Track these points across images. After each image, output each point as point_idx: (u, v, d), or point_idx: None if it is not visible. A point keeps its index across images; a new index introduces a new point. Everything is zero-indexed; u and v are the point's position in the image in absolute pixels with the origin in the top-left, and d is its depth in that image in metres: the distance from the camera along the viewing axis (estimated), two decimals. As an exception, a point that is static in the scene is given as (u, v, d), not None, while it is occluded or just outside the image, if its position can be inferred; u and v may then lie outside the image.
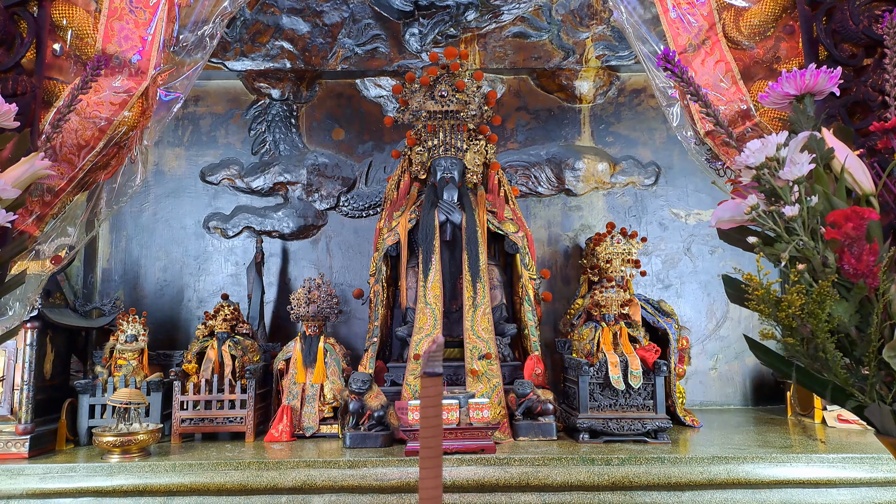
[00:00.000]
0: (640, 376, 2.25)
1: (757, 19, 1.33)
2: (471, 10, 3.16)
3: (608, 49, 3.23)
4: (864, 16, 1.12)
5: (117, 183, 1.50)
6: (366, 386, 2.22)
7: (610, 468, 1.99)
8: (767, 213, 0.80)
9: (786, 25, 1.31)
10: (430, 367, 0.60)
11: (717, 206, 0.90)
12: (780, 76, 0.90)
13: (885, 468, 1.99)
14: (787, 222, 0.79)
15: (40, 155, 1.06)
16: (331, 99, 3.30)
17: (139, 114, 1.44)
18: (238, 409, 2.35)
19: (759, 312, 0.87)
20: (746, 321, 3.21)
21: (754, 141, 0.83)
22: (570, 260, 3.24)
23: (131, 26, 1.41)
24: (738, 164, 0.85)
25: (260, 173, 3.21)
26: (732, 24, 1.35)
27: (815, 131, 0.86)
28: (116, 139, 1.41)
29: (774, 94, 0.92)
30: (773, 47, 1.33)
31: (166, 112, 1.55)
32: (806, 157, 0.79)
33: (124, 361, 2.38)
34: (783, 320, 0.80)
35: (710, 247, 3.26)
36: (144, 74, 1.41)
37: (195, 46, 1.52)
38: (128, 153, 1.47)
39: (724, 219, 0.90)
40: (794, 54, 1.31)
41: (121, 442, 2.00)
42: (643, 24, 1.46)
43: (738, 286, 0.92)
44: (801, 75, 0.88)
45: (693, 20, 1.38)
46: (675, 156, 3.31)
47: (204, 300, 3.16)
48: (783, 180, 0.80)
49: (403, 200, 2.78)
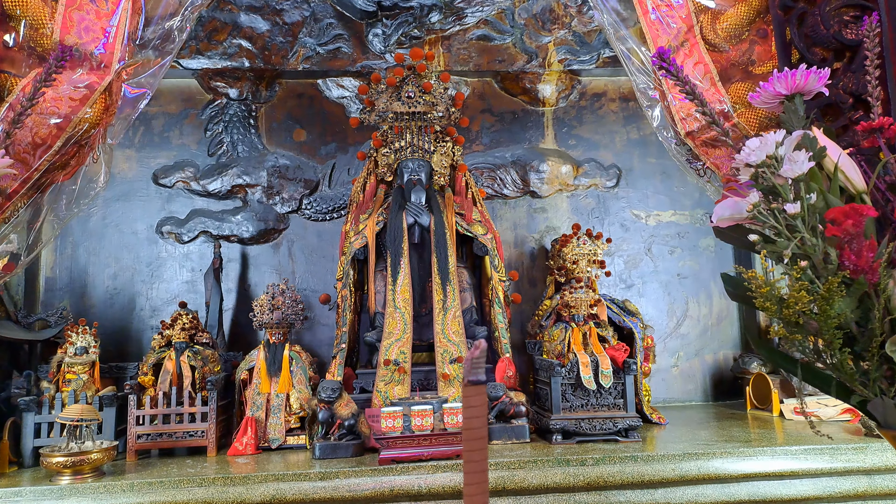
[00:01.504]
0: (610, 376, 2.27)
1: (732, 22, 1.35)
2: (435, 12, 3.13)
3: (570, 53, 3.26)
4: (835, 21, 1.15)
5: (77, 184, 1.39)
6: (335, 394, 2.15)
7: (585, 469, 1.99)
8: (769, 210, 0.80)
9: (759, 29, 1.34)
10: (473, 374, 0.56)
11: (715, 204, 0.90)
12: (772, 76, 0.91)
13: (844, 458, 2.06)
14: (789, 220, 0.80)
15: (1, 152, 0.98)
16: (292, 99, 3.22)
17: (102, 110, 1.34)
18: (199, 423, 2.25)
19: (763, 310, 0.87)
20: (705, 319, 3.29)
21: (753, 139, 0.83)
22: (535, 261, 3.25)
23: (92, 17, 1.31)
24: (738, 161, 0.85)
25: (217, 175, 3.09)
26: (710, 27, 1.37)
27: (806, 130, 0.87)
28: (76, 137, 1.30)
29: (765, 94, 0.93)
30: (747, 50, 1.36)
31: (132, 109, 1.45)
32: (804, 156, 0.80)
33: (74, 376, 2.24)
34: (789, 317, 0.80)
35: (669, 247, 3.33)
36: (108, 69, 1.32)
37: (162, 40, 1.43)
38: (89, 152, 1.37)
39: (723, 217, 0.90)
40: (768, 57, 1.34)
41: (72, 462, 1.87)
42: (623, 25, 1.46)
43: (739, 284, 0.92)
44: (793, 75, 0.90)
45: (672, 22, 1.39)
46: (635, 159, 3.37)
47: (157, 309, 3.02)
48: (783, 178, 0.81)
49: (370, 203, 2.72)
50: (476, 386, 0.56)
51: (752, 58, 1.34)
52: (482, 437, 0.57)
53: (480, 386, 0.57)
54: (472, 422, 0.57)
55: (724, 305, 3.30)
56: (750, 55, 1.34)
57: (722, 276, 0.99)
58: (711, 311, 3.29)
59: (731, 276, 0.97)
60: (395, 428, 2.02)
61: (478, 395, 0.57)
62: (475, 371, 0.57)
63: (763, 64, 1.34)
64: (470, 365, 0.58)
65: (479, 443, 0.57)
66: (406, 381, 2.38)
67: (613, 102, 3.40)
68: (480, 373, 0.58)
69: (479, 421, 0.57)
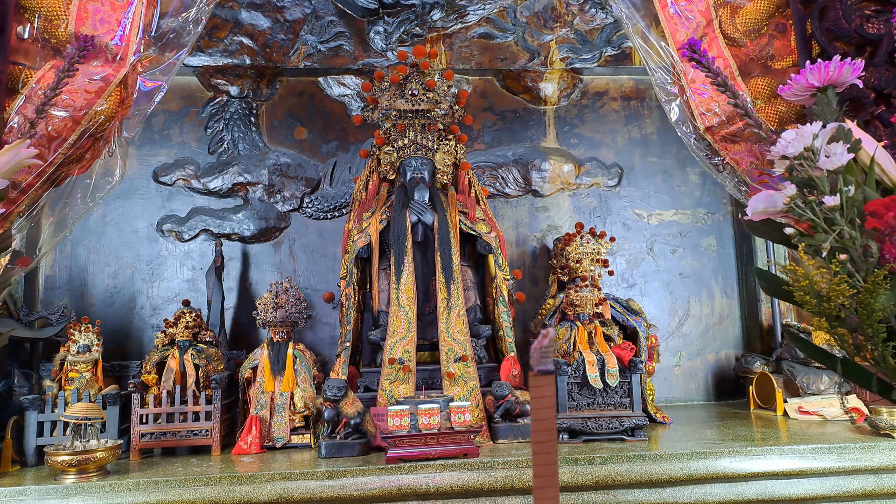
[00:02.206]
0: (617, 374, 2.26)
1: (751, 17, 1.35)
2: (436, 10, 3.12)
3: (571, 52, 3.26)
4: (856, 15, 1.15)
5: (93, 178, 1.37)
6: (341, 393, 2.14)
7: (593, 468, 1.98)
8: (806, 203, 0.80)
9: (778, 24, 1.34)
10: (543, 364, 0.55)
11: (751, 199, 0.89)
12: (803, 68, 0.90)
13: (852, 457, 2.06)
14: (826, 213, 0.79)
15: (26, 142, 0.96)
16: (292, 97, 3.20)
17: (117, 103, 1.32)
18: (203, 422, 2.23)
19: (803, 304, 0.86)
20: (707, 319, 3.29)
21: (789, 131, 0.83)
22: (537, 260, 3.24)
23: (107, 9, 1.28)
24: (773, 154, 0.84)
25: (218, 173, 3.07)
26: (729, 21, 1.37)
27: (840, 122, 0.87)
28: (91, 131, 1.28)
29: (797, 86, 0.93)
30: (766, 45, 1.36)
31: (147, 103, 1.43)
32: (841, 148, 0.79)
33: (76, 374, 2.21)
34: (830, 311, 0.80)
35: (671, 246, 3.33)
36: (123, 61, 1.29)
37: (177, 33, 1.41)
38: (105, 146, 1.35)
39: (758, 210, 0.89)
40: (787, 52, 1.34)
41: (77, 461, 1.85)
42: (640, 18, 1.46)
43: (772, 279, 0.91)
44: (826, 67, 0.89)
45: (691, 16, 1.39)
46: (636, 157, 3.37)
47: (158, 307, 2.99)
48: (820, 170, 0.80)
49: (373, 201, 2.71)
50: (545, 376, 0.55)
51: (770, 53, 1.34)
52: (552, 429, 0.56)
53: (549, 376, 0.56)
54: (542, 413, 0.56)
55: (725, 305, 3.30)
56: (769, 50, 1.34)
57: (755, 271, 0.99)
58: (713, 311, 3.30)
59: (763, 270, 0.96)
60: (402, 426, 2.01)
61: (547, 386, 0.56)
62: (544, 360, 0.56)
63: (782, 59, 1.34)
64: (539, 354, 0.57)
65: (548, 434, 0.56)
66: (411, 379, 2.36)
67: (615, 101, 3.40)
68: (549, 362, 0.57)
69: (548, 412, 0.56)
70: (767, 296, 3.14)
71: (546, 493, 0.56)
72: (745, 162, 1.31)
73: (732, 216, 3.36)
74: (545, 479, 0.56)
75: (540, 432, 0.56)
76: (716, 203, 3.37)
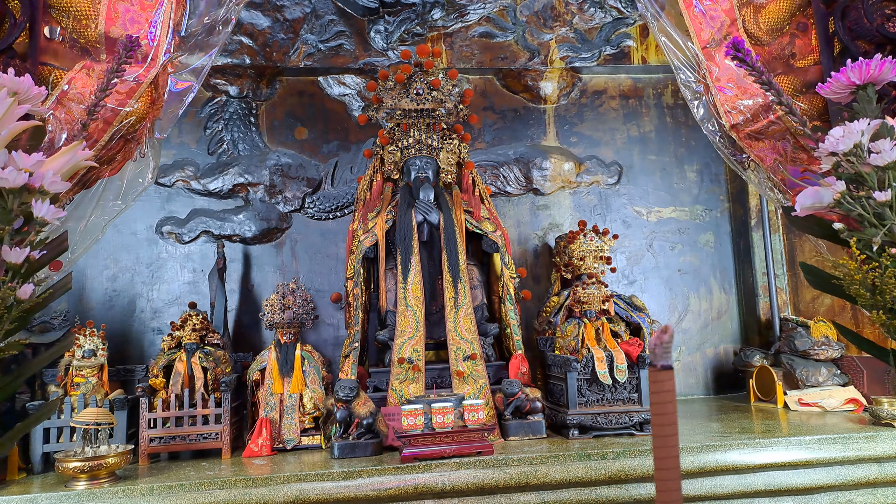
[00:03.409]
0: (625, 370, 2.28)
1: (774, 16, 1.37)
2: (437, 9, 3.12)
3: (571, 50, 3.28)
4: (877, 14, 1.18)
5: (125, 180, 1.35)
6: (353, 393, 2.13)
7: (606, 462, 2.00)
8: (856, 198, 0.82)
9: (799, 23, 1.36)
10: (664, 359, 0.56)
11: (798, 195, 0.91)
12: (845, 67, 0.92)
13: (856, 447, 2.10)
14: (876, 208, 0.81)
15: (82, 144, 0.95)
16: (292, 97, 3.18)
17: (148, 104, 1.30)
18: (213, 425, 2.21)
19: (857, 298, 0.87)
20: (706, 314, 3.34)
21: (836, 128, 0.84)
22: (539, 258, 3.26)
23: (137, 8, 1.27)
24: (821, 150, 0.86)
25: (218, 174, 3.04)
26: (752, 21, 1.39)
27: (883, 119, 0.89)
28: (123, 132, 1.26)
29: (837, 84, 0.95)
30: (788, 44, 1.38)
31: (178, 103, 1.42)
32: (889, 144, 0.81)
33: (82, 379, 2.19)
34: (885, 304, 0.82)
35: (670, 243, 3.37)
36: (154, 61, 1.28)
37: (206, 33, 1.39)
38: (136, 147, 1.33)
39: (805, 206, 0.91)
40: (808, 51, 1.36)
41: (89, 467, 1.82)
42: (664, 17, 1.47)
43: (819, 273, 0.93)
44: (867, 65, 0.91)
45: (715, 15, 1.40)
46: (635, 155, 3.41)
47: (159, 310, 2.96)
48: (869, 166, 0.82)
49: (377, 201, 2.71)
50: (666, 371, 0.56)
51: (792, 51, 1.36)
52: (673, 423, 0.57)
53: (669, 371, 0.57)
54: (664, 407, 0.57)
55: (723, 300, 3.35)
56: (791, 49, 1.36)
57: (801, 266, 1.01)
58: (712, 306, 3.34)
59: (811, 266, 0.98)
60: (416, 426, 2.01)
61: (668, 381, 0.56)
62: (665, 355, 0.57)
63: (804, 57, 1.36)
64: (661, 349, 0.58)
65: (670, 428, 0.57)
66: (421, 378, 2.37)
67: (614, 100, 3.42)
68: (669, 357, 0.57)
69: (670, 406, 0.57)
70: (765, 290, 3.19)
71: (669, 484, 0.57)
72: (770, 158, 1.33)
73: (729, 213, 3.41)
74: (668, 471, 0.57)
75: (661, 426, 0.57)
76: (713, 200, 3.41)
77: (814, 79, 1.33)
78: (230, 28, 1.47)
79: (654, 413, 0.60)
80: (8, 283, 1.02)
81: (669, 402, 0.57)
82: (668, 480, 0.57)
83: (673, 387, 0.59)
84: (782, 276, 3.17)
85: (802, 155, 1.26)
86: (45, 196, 0.96)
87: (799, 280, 3.15)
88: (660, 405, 0.59)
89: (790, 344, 2.88)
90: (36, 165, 0.96)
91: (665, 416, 0.58)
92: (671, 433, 0.57)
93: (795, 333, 2.87)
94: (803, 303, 3.12)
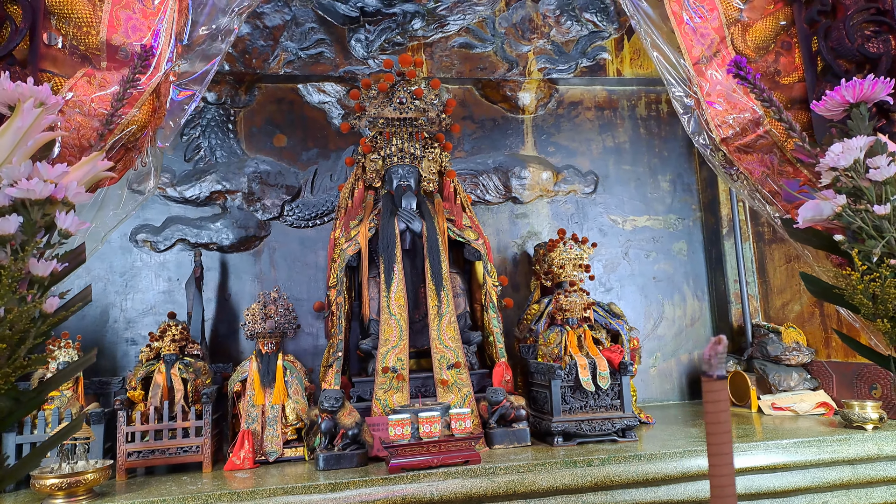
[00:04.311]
0: (608, 377, 2.32)
1: (760, 35, 1.43)
2: (417, 19, 3.14)
3: (548, 62, 3.33)
4: (858, 35, 1.23)
5: (124, 189, 1.32)
6: (338, 403, 2.11)
7: (591, 469, 2.03)
8: (856, 211, 0.85)
9: (783, 42, 1.42)
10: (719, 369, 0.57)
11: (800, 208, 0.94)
12: (840, 85, 0.97)
13: (830, 449, 2.17)
14: (875, 220, 0.85)
15: (101, 155, 0.93)
16: (271, 104, 3.15)
17: (150, 112, 1.27)
18: (193, 438, 2.16)
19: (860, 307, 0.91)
20: (680, 321, 3.41)
21: (836, 145, 0.88)
22: (518, 266, 3.29)
23: (139, 17, 1.24)
24: (821, 165, 0.90)
25: (195, 181, 2.99)
26: (740, 39, 1.44)
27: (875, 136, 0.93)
28: (124, 140, 1.23)
29: (831, 102, 0.99)
30: (773, 61, 1.44)
31: (181, 112, 1.39)
32: (885, 160, 0.86)
33: (57, 392, 2.11)
34: (888, 312, 0.85)
35: (645, 251, 3.43)
36: (156, 69, 1.25)
37: (209, 41, 1.37)
38: (137, 155, 1.30)
39: (807, 218, 0.95)
40: (792, 69, 1.42)
41: (67, 484, 1.76)
42: (656, 33, 1.51)
43: (819, 282, 0.97)
44: (861, 84, 0.96)
45: (705, 33, 1.45)
46: (610, 165, 3.47)
47: (133, 321, 2.89)
48: (868, 181, 0.86)
49: (359, 209, 2.70)
50: (720, 381, 0.57)
51: (777, 68, 1.42)
52: (727, 432, 0.58)
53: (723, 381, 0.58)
54: (718, 416, 0.58)
55: (696, 307, 3.43)
56: (776, 66, 1.42)
57: (801, 276, 1.04)
58: (685, 313, 3.41)
59: (809, 275, 1.01)
60: (403, 435, 2.00)
61: (721, 391, 0.58)
62: (719, 366, 0.58)
63: (789, 74, 1.42)
64: (716, 360, 0.59)
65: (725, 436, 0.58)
66: (405, 388, 2.36)
67: (589, 111, 3.49)
68: (723, 367, 0.59)
69: (724, 415, 0.58)
70: (737, 297, 3.28)
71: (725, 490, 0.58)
72: (758, 171, 1.38)
73: (702, 222, 3.50)
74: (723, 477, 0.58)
75: (716, 434, 0.59)
76: (686, 209, 3.50)
77: (798, 95, 1.39)
78: (233, 37, 1.46)
79: (709, 422, 0.61)
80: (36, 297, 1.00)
81: (724, 412, 0.59)
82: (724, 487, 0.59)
83: (727, 396, 0.60)
84: (753, 283, 3.27)
85: (788, 168, 1.31)
86: (68, 207, 0.94)
87: (769, 287, 3.25)
88: (715, 414, 0.61)
89: (762, 350, 2.97)
90: (60, 176, 0.94)
91: (720, 425, 0.59)
92: (725, 441, 0.59)
93: (767, 339, 2.96)
94: (773, 309, 3.22)
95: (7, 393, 1.03)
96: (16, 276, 0.93)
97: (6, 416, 1.06)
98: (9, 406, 1.05)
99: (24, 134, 0.98)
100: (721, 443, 0.59)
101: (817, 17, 1.33)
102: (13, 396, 1.05)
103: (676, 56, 1.48)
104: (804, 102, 1.38)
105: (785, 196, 1.26)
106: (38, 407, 1.69)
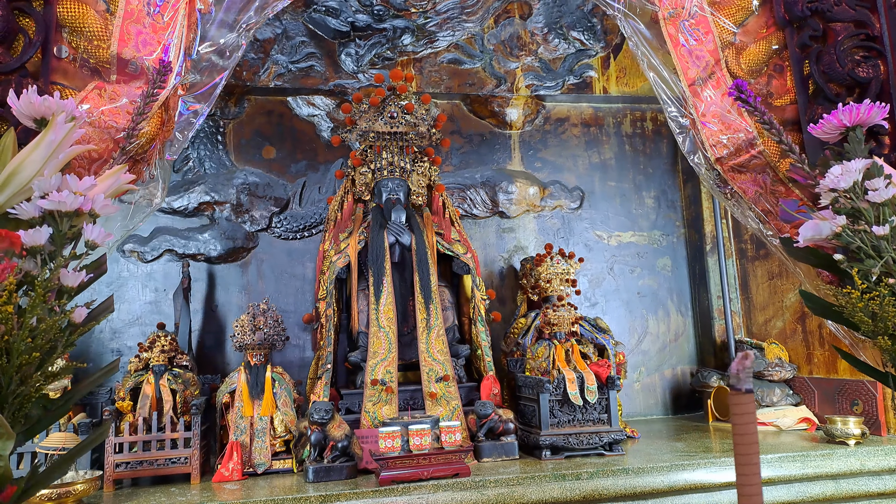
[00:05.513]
0: (595, 391, 2.34)
1: (753, 58, 1.48)
2: (407, 35, 3.18)
3: (536, 79, 3.39)
4: (849, 59, 1.29)
5: (134, 201, 1.32)
6: (328, 415, 2.11)
7: (580, 483, 2.04)
8: (855, 231, 0.89)
9: (775, 65, 1.48)
10: (746, 383, 0.59)
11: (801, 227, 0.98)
12: (831, 108, 1.01)
13: (814, 464, 2.20)
14: (874, 241, 0.88)
15: (124, 168, 0.94)
16: (261, 116, 3.16)
17: (158, 125, 1.28)
18: (182, 449, 2.14)
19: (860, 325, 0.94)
20: (664, 336, 3.46)
21: (836, 167, 0.92)
22: (505, 280, 3.32)
23: (149, 31, 1.25)
24: (822, 187, 0.93)
25: (183, 192, 2.98)
26: (734, 61, 1.50)
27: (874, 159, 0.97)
28: (132, 153, 1.24)
29: (828, 125, 1.03)
30: (766, 84, 1.49)
31: (188, 125, 1.39)
32: (883, 182, 0.90)
33: (41, 403, 2.08)
34: (887, 329, 0.88)
35: (629, 267, 3.49)
36: (165, 83, 1.26)
37: (217, 56, 1.38)
38: (145, 168, 1.30)
39: (807, 237, 0.98)
40: (784, 91, 1.48)
41: (57, 494, 1.74)
42: (654, 55, 1.56)
43: (818, 300, 1.00)
44: (857, 108, 1.00)
45: (701, 55, 1.50)
46: (596, 181, 3.53)
47: (119, 331, 2.86)
48: (867, 202, 0.90)
49: (349, 222, 2.71)
50: (748, 394, 0.59)
51: (770, 91, 1.47)
52: (755, 443, 0.60)
53: (749, 394, 0.60)
54: (746, 427, 0.60)
55: (680, 322, 3.48)
56: (768, 88, 1.48)
57: (801, 293, 1.07)
58: (669, 328, 3.46)
59: (808, 293, 1.05)
60: (393, 448, 2.00)
61: (748, 404, 0.60)
62: (746, 380, 0.60)
63: (780, 97, 1.48)
64: (744, 374, 0.61)
65: (752, 447, 0.59)
66: (394, 400, 2.36)
67: (576, 127, 3.55)
68: (750, 381, 0.61)
69: (751, 427, 0.60)
70: (720, 313, 3.34)
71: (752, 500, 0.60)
72: (751, 190, 1.43)
73: (685, 238, 3.56)
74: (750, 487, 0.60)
75: (743, 445, 0.60)
76: (670, 226, 3.56)
77: (790, 117, 1.45)
78: (241, 53, 1.47)
79: (737, 433, 0.63)
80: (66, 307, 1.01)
81: (751, 423, 0.61)
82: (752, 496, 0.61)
83: (754, 409, 0.63)
84: (736, 299, 3.33)
85: (780, 187, 1.36)
86: (94, 219, 0.96)
87: (751, 303, 3.32)
88: (742, 426, 0.63)
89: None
90: (88, 189, 0.96)
91: (747, 437, 0.62)
92: (753, 451, 0.61)
93: (749, 354, 3.01)
94: (756, 326, 3.28)
95: (37, 401, 1.05)
96: (49, 286, 0.95)
97: (35, 423, 1.08)
98: (38, 414, 1.07)
99: (56, 147, 1.00)
100: (749, 453, 0.61)
101: (809, 41, 1.39)
102: (42, 405, 1.07)
103: (672, 77, 1.53)
104: (796, 124, 1.44)
105: (781, 215, 1.31)
106: (64, 415, 1.70)
